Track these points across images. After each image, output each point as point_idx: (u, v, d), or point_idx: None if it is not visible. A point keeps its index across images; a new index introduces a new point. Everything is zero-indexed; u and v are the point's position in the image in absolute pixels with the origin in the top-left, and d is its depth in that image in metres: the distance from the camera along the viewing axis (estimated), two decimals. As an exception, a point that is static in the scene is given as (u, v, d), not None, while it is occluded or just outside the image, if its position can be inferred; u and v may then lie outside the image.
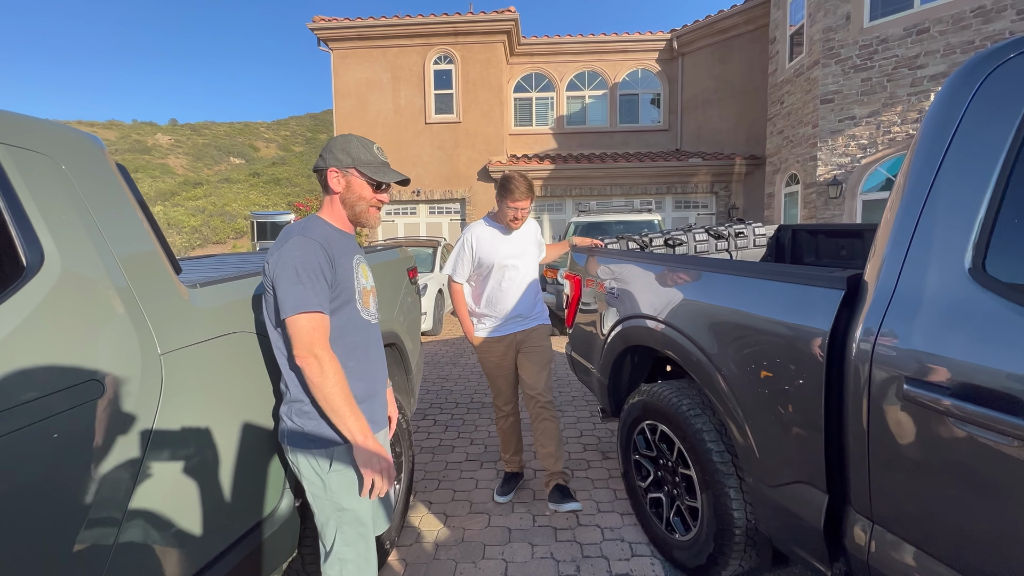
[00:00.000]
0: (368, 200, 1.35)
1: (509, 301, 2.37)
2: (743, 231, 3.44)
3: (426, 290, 6.70)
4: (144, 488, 1.09)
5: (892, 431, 1.09)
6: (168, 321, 1.18)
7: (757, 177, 11.27)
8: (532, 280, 2.44)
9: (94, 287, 1.06)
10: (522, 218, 2.29)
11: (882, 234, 1.20)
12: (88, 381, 1.00)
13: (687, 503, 1.88)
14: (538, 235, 2.55)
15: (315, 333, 1.18)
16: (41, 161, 1.04)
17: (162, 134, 53.71)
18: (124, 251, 1.14)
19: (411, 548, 2.17)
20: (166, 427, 1.15)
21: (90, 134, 1.22)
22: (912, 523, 1.09)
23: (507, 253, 2.33)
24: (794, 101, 8.70)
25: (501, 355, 2.43)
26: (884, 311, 1.12)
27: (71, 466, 0.97)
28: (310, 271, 1.19)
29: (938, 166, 1.10)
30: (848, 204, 7.73)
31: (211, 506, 1.26)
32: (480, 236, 2.35)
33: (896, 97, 7.12)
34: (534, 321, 2.46)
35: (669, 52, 12.42)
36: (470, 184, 11.84)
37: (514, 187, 2.20)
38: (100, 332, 1.05)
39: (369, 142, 1.36)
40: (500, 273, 2.34)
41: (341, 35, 11.57)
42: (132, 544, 1.06)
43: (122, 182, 1.22)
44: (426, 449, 3.23)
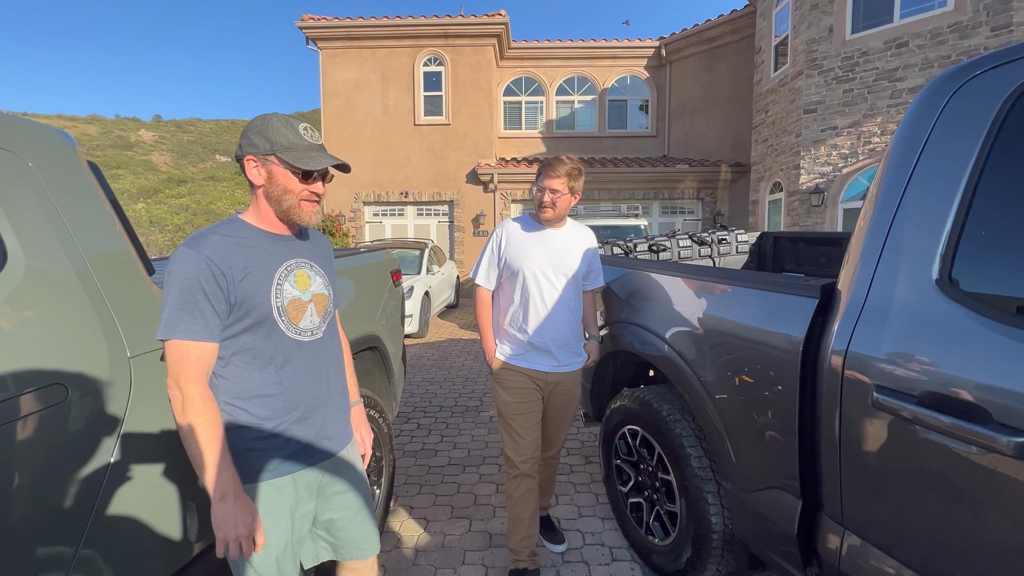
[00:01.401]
0: (296, 193, 1.10)
1: (538, 323, 1.83)
2: (726, 238, 3.49)
3: (412, 292, 6.66)
4: (111, 494, 1.06)
5: (863, 438, 1.11)
6: (139, 323, 1.16)
7: (742, 184, 11.44)
8: (573, 306, 1.88)
9: (60, 287, 1.03)
10: (554, 206, 1.78)
11: (855, 243, 1.23)
12: (52, 384, 0.97)
13: (667, 508, 1.89)
14: (593, 256, 1.96)
15: (182, 363, 0.99)
16: (6, 158, 1.02)
17: (146, 130, 52.72)
18: (93, 250, 1.11)
19: (391, 553, 2.14)
20: (135, 431, 1.12)
21: (60, 130, 1.19)
22: (882, 529, 1.11)
23: (542, 260, 1.82)
24: (778, 110, 8.86)
25: (524, 393, 1.87)
26: (856, 320, 1.14)
27: (34, 470, 0.94)
28: (185, 291, 0.99)
29: (908, 178, 1.13)
30: (830, 212, 7.88)
31: (181, 513, 1.23)
32: (511, 232, 1.88)
33: (876, 108, 7.29)
34: (572, 364, 1.91)
35: (657, 59, 12.57)
36: (459, 187, 11.81)
37: (548, 163, 1.78)
38: (66, 334, 1.02)
39: (295, 121, 1.12)
40: (530, 284, 1.82)
41: (330, 34, 11.49)
42: (98, 547, 1.03)
43: (93, 180, 1.20)
44: (408, 453, 3.21)
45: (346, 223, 11.80)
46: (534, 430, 1.89)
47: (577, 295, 1.90)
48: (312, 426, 1.18)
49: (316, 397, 1.18)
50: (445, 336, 7.11)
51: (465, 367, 5.36)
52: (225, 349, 1.08)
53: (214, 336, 1.03)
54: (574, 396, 1.98)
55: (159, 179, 36.26)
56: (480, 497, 2.63)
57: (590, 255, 1.94)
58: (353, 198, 11.92)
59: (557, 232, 1.88)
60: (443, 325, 8.02)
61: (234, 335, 1.07)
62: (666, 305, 1.85)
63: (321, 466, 1.21)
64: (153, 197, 29.52)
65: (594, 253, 1.97)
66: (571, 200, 1.82)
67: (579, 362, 1.95)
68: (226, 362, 1.08)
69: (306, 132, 1.11)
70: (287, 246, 1.17)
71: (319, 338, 1.20)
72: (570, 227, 1.92)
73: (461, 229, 11.86)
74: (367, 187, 11.89)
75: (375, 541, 1.34)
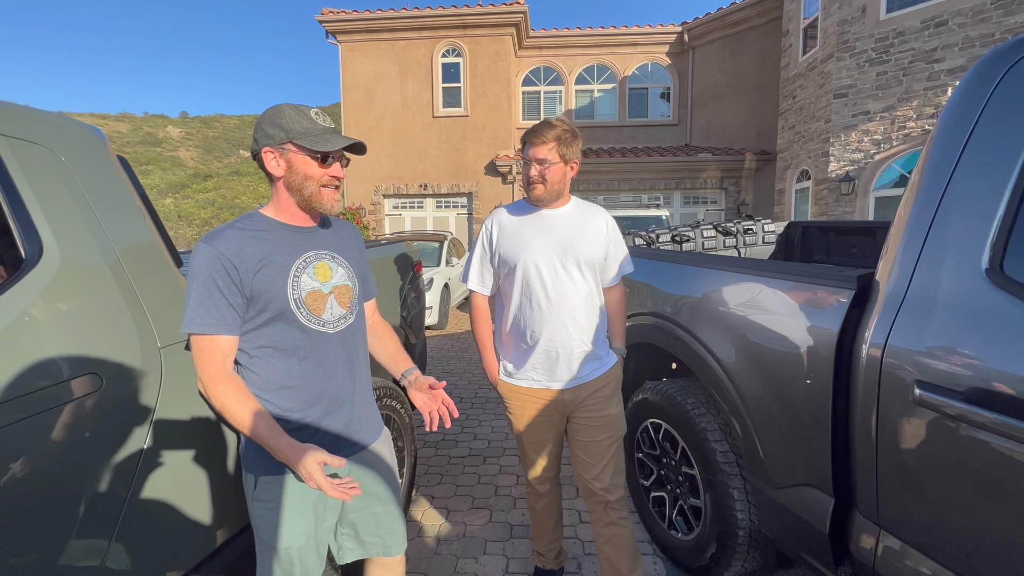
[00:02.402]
0: (317, 179, 1.09)
1: (545, 326, 1.48)
2: (752, 228, 3.39)
3: (431, 284, 6.70)
4: (144, 480, 1.09)
5: (902, 435, 1.06)
6: (168, 313, 1.18)
7: (767, 173, 11.13)
8: (590, 303, 1.52)
9: (93, 279, 1.06)
10: (543, 179, 1.44)
11: (895, 232, 1.17)
12: (88, 373, 1.00)
13: (690, 503, 1.87)
14: (612, 240, 1.58)
15: (199, 355, 1.03)
16: (40, 153, 1.04)
17: (173, 127, 54.16)
18: (124, 243, 1.14)
19: (413, 542, 2.17)
20: (166, 419, 1.15)
21: (91, 126, 1.21)
22: (921, 529, 1.07)
23: (542, 248, 1.47)
24: (807, 95, 8.56)
25: (536, 421, 1.58)
26: (896, 312, 1.09)
27: (72, 458, 0.97)
28: (200, 286, 1.02)
29: (955, 163, 1.06)
30: (860, 201, 7.61)
31: (211, 499, 1.26)
32: (502, 221, 1.56)
33: (912, 91, 6.98)
34: (595, 370, 1.55)
35: (680, 45, 12.26)
36: (477, 178, 11.80)
37: (533, 128, 1.46)
38: (99, 325, 1.05)
39: (306, 108, 1.10)
40: (531, 278, 1.48)
41: (349, 28, 11.54)
42: (131, 535, 1.07)
43: (123, 174, 1.22)
44: (429, 444, 3.24)
45: (366, 216, 11.92)
46: (553, 457, 1.66)
47: (594, 289, 1.54)
48: (338, 420, 1.18)
49: (341, 390, 1.18)
50: (464, 328, 7.14)
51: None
52: (249, 343, 1.09)
53: (231, 329, 1.04)
54: (609, 416, 1.55)
55: (186, 174, 37.29)
56: (501, 488, 2.64)
57: (606, 239, 1.55)
58: (373, 191, 12.03)
59: (557, 213, 1.53)
60: (462, 317, 8.06)
61: (256, 328, 1.08)
62: (691, 297, 1.81)
63: (348, 462, 1.20)
64: (181, 192, 30.40)
65: (613, 236, 1.58)
66: (566, 171, 1.47)
67: (602, 366, 1.57)
68: (251, 355, 1.10)
69: (318, 116, 1.10)
70: (306, 238, 1.16)
71: (343, 330, 1.19)
72: (575, 206, 1.56)
73: (480, 221, 11.87)
74: (386, 180, 11.97)
75: (402, 539, 1.33)
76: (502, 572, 1.98)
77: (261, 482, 1.11)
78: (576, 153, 1.48)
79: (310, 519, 1.14)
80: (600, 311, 1.57)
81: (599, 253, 1.53)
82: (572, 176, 1.51)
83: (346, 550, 1.29)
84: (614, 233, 1.60)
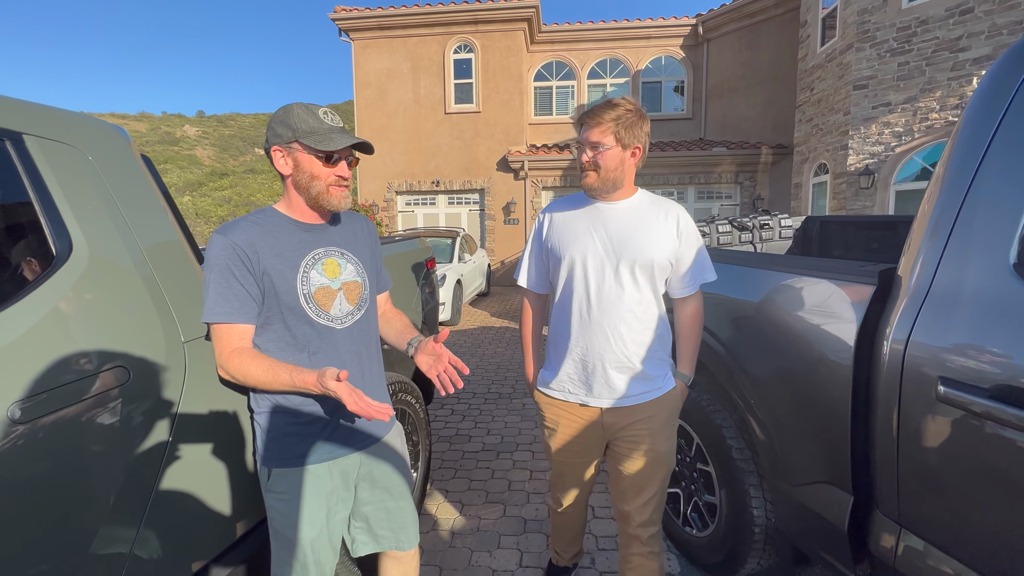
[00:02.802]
0: (324, 179, 1.11)
1: (586, 335, 1.33)
2: (768, 223, 3.35)
3: (444, 280, 6.74)
4: (170, 471, 1.12)
5: (924, 433, 1.05)
6: (191, 309, 1.21)
7: (784, 167, 10.94)
8: (647, 313, 1.33)
9: (120, 276, 1.08)
10: (596, 167, 1.27)
11: (918, 226, 1.15)
12: (116, 367, 1.03)
13: (705, 499, 1.86)
14: (685, 241, 1.34)
15: (218, 343, 1.08)
16: (69, 152, 1.07)
17: (190, 126, 55.04)
18: (149, 240, 1.17)
19: (428, 535, 2.20)
20: (190, 412, 1.17)
21: (116, 125, 1.24)
22: (944, 528, 1.05)
23: (592, 244, 1.31)
24: (825, 87, 8.38)
25: (571, 440, 1.42)
26: (919, 307, 1.07)
27: (102, 448, 1.00)
28: (217, 276, 1.05)
29: (982, 155, 1.04)
30: (880, 195, 7.44)
31: (232, 491, 1.29)
32: (556, 213, 1.41)
33: (935, 82, 6.79)
34: (644, 394, 1.35)
35: (694, 38, 12.08)
36: (489, 175, 11.79)
37: (590, 108, 1.29)
38: (126, 320, 1.07)
39: (315, 107, 1.11)
40: (576, 278, 1.33)
41: (362, 25, 11.58)
42: (158, 523, 1.10)
43: (146, 173, 1.25)
44: (443, 438, 3.27)
45: (379, 213, 12.00)
46: (583, 483, 1.50)
47: (650, 298, 1.32)
48: (347, 416, 1.19)
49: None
50: (477, 324, 7.17)
51: (497, 354, 5.39)
52: (260, 336, 1.12)
53: (248, 317, 1.08)
54: (655, 452, 1.35)
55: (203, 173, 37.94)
56: (514, 483, 2.65)
57: (675, 241, 1.31)
58: (386, 188, 12.10)
59: (616, 207, 1.33)
60: (475, 313, 8.09)
61: (267, 322, 1.12)
62: (707, 293, 1.79)
63: (360, 455, 1.22)
64: (198, 190, 30.97)
65: (686, 238, 1.33)
66: (625, 158, 1.27)
67: (654, 391, 1.35)
68: (264, 349, 1.12)
69: (326, 116, 1.11)
70: (316, 235, 1.18)
71: (350, 325, 1.20)
72: (640, 200, 1.35)
73: (492, 217, 11.87)
74: (399, 176, 12.03)
75: (414, 533, 1.35)
76: (516, 565, 1.99)
77: (274, 474, 1.14)
78: (639, 137, 1.27)
79: (322, 511, 1.16)
80: (658, 325, 1.35)
81: (662, 257, 1.29)
82: (635, 164, 1.31)
83: (359, 543, 1.31)
84: (688, 234, 1.34)
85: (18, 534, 0.87)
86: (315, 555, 1.16)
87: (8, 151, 0.97)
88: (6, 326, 0.88)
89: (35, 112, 1.05)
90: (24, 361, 0.89)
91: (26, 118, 1.02)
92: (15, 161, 0.97)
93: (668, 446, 1.38)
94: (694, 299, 1.40)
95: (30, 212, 0.98)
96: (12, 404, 0.86)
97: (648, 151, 1.32)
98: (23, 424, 0.87)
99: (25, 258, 0.98)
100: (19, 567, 0.87)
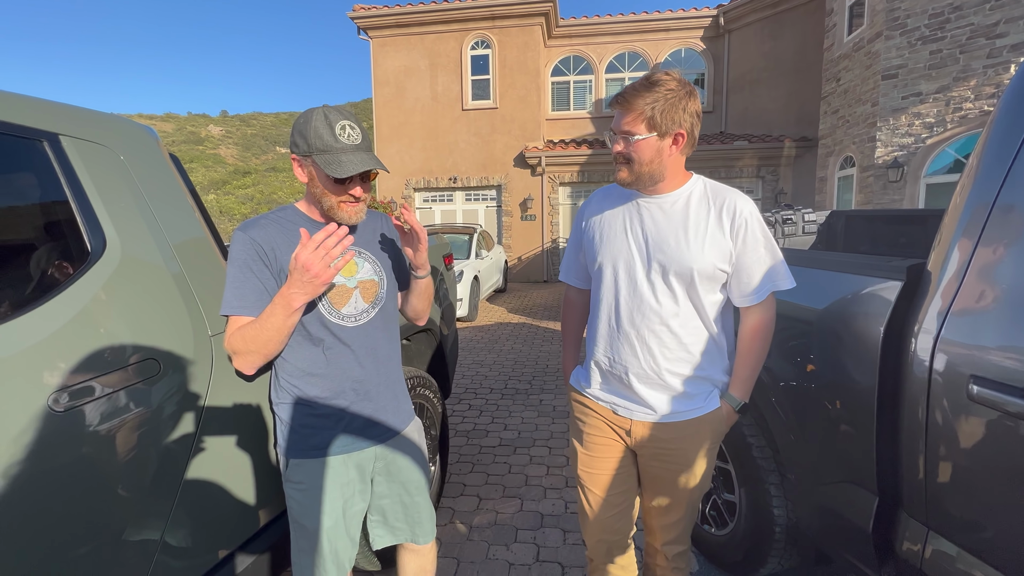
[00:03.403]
0: (335, 196, 1.11)
1: (610, 340, 1.22)
2: (791, 217, 3.27)
3: (462, 276, 6.77)
4: (197, 460, 1.16)
5: (954, 433, 1.02)
6: (217, 304, 1.24)
7: (808, 160, 10.66)
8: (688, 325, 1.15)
9: (150, 271, 1.12)
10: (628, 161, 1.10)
11: (950, 220, 1.11)
12: (147, 359, 1.07)
13: (724, 498, 1.84)
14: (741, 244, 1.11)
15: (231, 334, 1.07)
16: (102, 152, 1.11)
17: (214, 125, 56.32)
18: (177, 237, 1.20)
19: (445, 528, 2.22)
20: (217, 403, 1.21)
21: (146, 126, 1.28)
22: (973, 532, 1.02)
23: (623, 245, 1.18)
24: (852, 78, 8.13)
25: (597, 442, 1.28)
26: (950, 304, 1.04)
27: (134, 437, 1.04)
28: (237, 271, 1.07)
29: (1019, 145, 1.00)
30: (910, 188, 7.20)
31: (256, 481, 1.33)
32: (595, 206, 1.28)
33: (970, 70, 6.52)
34: (680, 413, 1.17)
35: (715, 29, 11.84)
36: (506, 171, 11.78)
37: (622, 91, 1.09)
38: (157, 314, 1.11)
39: (336, 117, 1.07)
40: (604, 278, 1.22)
41: (380, 23, 11.66)
42: (187, 511, 1.14)
43: (175, 171, 1.29)
44: (460, 432, 3.29)
45: (397, 210, 12.11)
46: (612, 503, 1.28)
47: (689, 309, 1.14)
48: (366, 408, 1.21)
49: (367, 380, 1.21)
50: (494, 320, 7.19)
51: (514, 350, 5.40)
52: None
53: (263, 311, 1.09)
54: (687, 471, 1.20)
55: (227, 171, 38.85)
56: (531, 478, 2.66)
57: (729, 242, 1.10)
58: (404, 185, 12.19)
59: (657, 202, 1.15)
60: (492, 309, 8.12)
61: None
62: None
63: (375, 449, 1.24)
64: (222, 188, 31.72)
65: (746, 239, 1.10)
66: (663, 148, 1.07)
67: (692, 411, 1.17)
68: None
69: (343, 132, 1.07)
70: None
71: (364, 323, 1.21)
72: (687, 192, 1.14)
73: (509, 214, 11.87)
74: (417, 173, 12.11)
75: (430, 528, 1.36)
76: (533, 560, 2.00)
77: (292, 464, 1.17)
78: (682, 120, 1.06)
79: (338, 501, 1.18)
80: (704, 341, 1.16)
81: (705, 263, 1.09)
82: (680, 153, 1.10)
83: (376, 536, 1.34)
84: (748, 233, 1.10)
85: (59, 518, 0.91)
86: (331, 544, 1.18)
87: (46, 151, 1.01)
88: (46, 320, 0.92)
89: (70, 114, 1.09)
90: (63, 353, 0.93)
91: (62, 119, 1.06)
92: (52, 161, 1.02)
93: (702, 471, 1.21)
94: (759, 310, 1.16)
95: (67, 210, 1.02)
96: (52, 393, 0.90)
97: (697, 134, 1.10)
98: (62, 412, 0.91)
99: (61, 255, 1.03)
100: (60, 549, 0.91)
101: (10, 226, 1.02)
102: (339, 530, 1.19)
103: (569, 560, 2.00)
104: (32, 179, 1.01)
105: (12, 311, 0.90)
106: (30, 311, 0.91)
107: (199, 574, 1.18)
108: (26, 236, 1.04)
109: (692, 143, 1.10)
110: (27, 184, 1.01)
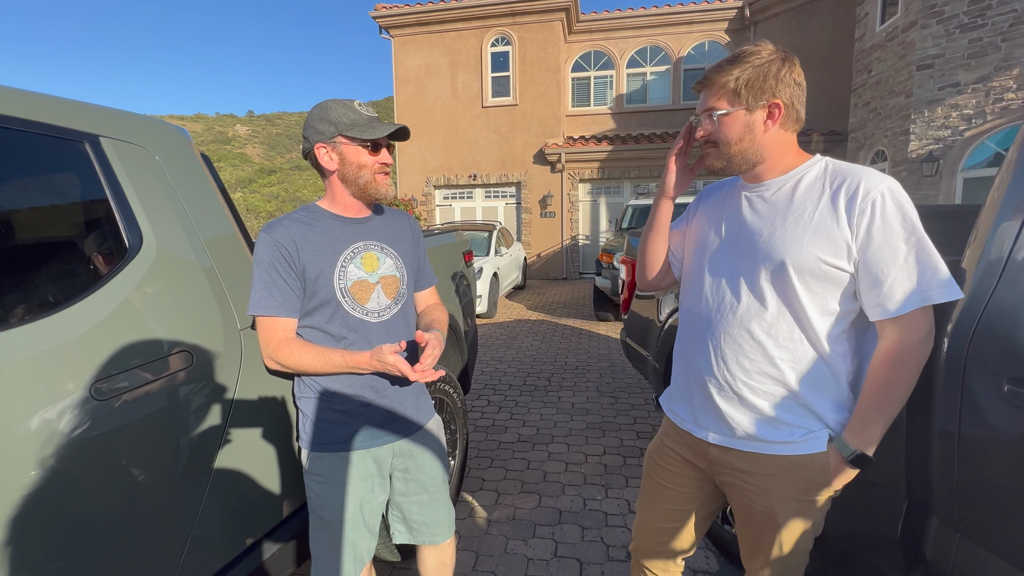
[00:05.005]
0: (370, 167, 1.16)
1: (688, 344, 1.10)
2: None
3: (481, 273, 6.80)
4: (227, 450, 1.20)
5: (988, 435, 0.98)
6: (246, 299, 1.28)
7: (837, 154, 10.34)
8: (775, 333, 0.95)
9: (184, 267, 1.17)
10: (715, 143, 0.98)
11: (986, 216, 1.07)
12: (181, 352, 1.11)
13: (746, 498, 1.81)
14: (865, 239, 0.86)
15: (262, 335, 1.15)
16: (139, 152, 1.16)
17: (241, 125, 57.72)
18: (208, 234, 1.25)
19: (464, 522, 2.25)
20: (245, 397, 1.25)
21: (178, 126, 1.33)
22: (1006, 537, 0.98)
23: (715, 239, 1.06)
24: (884, 68, 7.85)
25: (666, 459, 1.17)
26: (985, 303, 1.00)
27: (168, 426, 1.09)
28: (263, 272, 1.12)
29: (1062, 137, 0.95)
30: (946, 183, 6.92)
31: (280, 472, 1.37)
32: (703, 202, 1.16)
33: (1013, 59, 6.23)
34: (768, 445, 0.98)
35: (740, 21, 11.56)
36: (526, 168, 11.77)
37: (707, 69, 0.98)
38: (189, 308, 1.16)
39: (349, 100, 1.16)
40: (693, 273, 1.11)
41: (401, 22, 11.76)
42: (217, 501, 1.18)
43: (206, 171, 1.33)
44: (480, 428, 3.32)
45: (418, 207, 12.23)
46: (660, 517, 1.18)
47: (789, 318, 0.94)
48: (386, 404, 1.24)
49: (386, 377, 1.22)
50: (513, 316, 7.21)
51: (533, 347, 5.41)
52: (301, 328, 1.18)
53: (291, 311, 1.15)
54: (774, 517, 0.99)
55: (253, 170, 39.87)
56: (549, 475, 2.67)
57: (847, 229, 0.87)
58: (424, 182, 12.30)
59: (761, 190, 0.99)
60: (511, 306, 8.14)
61: (307, 313, 1.17)
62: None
63: (393, 446, 1.26)
64: (248, 187, 32.60)
65: (875, 225, 0.86)
66: (753, 123, 0.93)
67: (784, 444, 0.97)
68: (304, 338, 1.18)
69: (361, 107, 1.16)
70: (357, 229, 1.22)
71: (387, 319, 1.23)
72: (798, 175, 0.96)
73: (528, 211, 11.86)
74: (437, 171, 12.20)
75: (447, 527, 1.37)
76: (551, 555, 2.01)
77: (312, 457, 1.20)
78: (775, 90, 0.92)
79: (356, 495, 1.20)
80: (801, 357, 0.94)
81: (806, 257, 0.89)
82: (782, 128, 0.95)
83: (395, 532, 1.36)
84: (881, 220, 0.85)
85: (97, 503, 0.96)
86: (349, 536, 1.21)
87: (87, 152, 1.06)
88: (87, 313, 0.97)
89: (108, 115, 1.14)
90: (102, 344, 0.97)
91: (101, 121, 1.11)
92: (93, 161, 1.06)
93: (794, 530, 0.99)
94: (895, 329, 0.88)
95: (106, 208, 1.07)
96: (92, 382, 0.94)
97: (802, 107, 0.95)
98: (101, 401, 0.95)
99: (101, 250, 1.07)
100: (98, 534, 0.96)
101: (55, 223, 1.07)
102: (357, 522, 1.21)
103: (587, 556, 2.00)
104: (75, 179, 1.06)
105: (58, 303, 0.95)
106: (75, 304, 0.96)
107: (227, 559, 1.23)
108: (69, 232, 1.09)
109: (796, 117, 0.95)
110: (71, 183, 1.07)
